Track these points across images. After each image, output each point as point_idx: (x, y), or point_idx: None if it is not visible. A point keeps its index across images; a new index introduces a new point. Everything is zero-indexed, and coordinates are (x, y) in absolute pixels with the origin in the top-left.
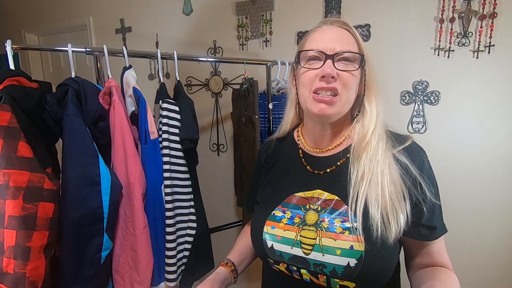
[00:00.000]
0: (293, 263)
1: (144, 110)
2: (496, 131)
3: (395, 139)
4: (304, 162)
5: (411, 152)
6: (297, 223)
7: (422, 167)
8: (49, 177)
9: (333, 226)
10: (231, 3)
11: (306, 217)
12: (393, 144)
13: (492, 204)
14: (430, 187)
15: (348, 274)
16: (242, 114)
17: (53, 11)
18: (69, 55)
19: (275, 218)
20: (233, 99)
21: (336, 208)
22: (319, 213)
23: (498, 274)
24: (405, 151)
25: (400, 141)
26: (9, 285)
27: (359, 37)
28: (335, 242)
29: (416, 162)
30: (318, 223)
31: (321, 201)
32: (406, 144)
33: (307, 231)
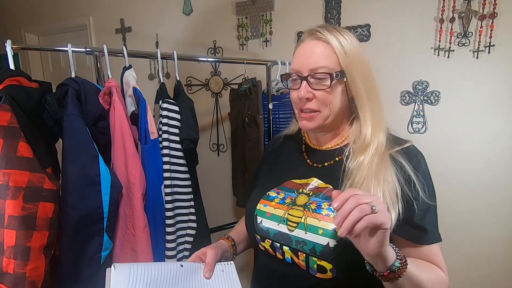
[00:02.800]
0: (277, 240)
1: (144, 110)
2: (496, 131)
3: (394, 141)
4: (305, 155)
5: (409, 153)
6: (287, 203)
7: (418, 167)
8: (49, 177)
9: (320, 208)
10: (231, 3)
11: (297, 198)
12: (391, 145)
13: (492, 204)
14: (424, 187)
15: (326, 254)
16: (241, 114)
17: (53, 11)
18: (69, 55)
19: (269, 198)
20: (231, 99)
21: (327, 194)
22: (310, 197)
23: (498, 274)
24: (403, 152)
25: (399, 143)
26: (9, 285)
27: (338, 45)
28: (319, 223)
29: (413, 162)
30: (307, 204)
31: (314, 187)
32: (404, 146)
33: (295, 210)
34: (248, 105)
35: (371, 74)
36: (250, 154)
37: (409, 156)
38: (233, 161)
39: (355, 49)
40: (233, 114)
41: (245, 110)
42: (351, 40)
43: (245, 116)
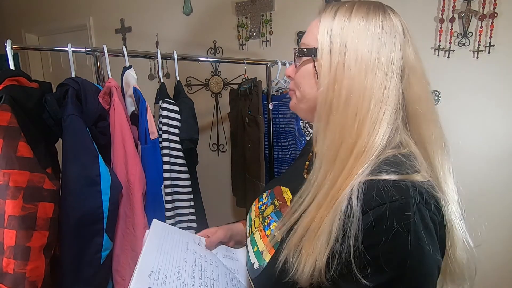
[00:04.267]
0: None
1: (144, 110)
2: (496, 131)
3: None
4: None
5: (371, 191)
6: (261, 210)
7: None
8: (49, 177)
9: (268, 227)
10: (231, 3)
11: (267, 208)
12: (373, 170)
13: (492, 204)
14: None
15: (250, 271)
16: (242, 114)
17: (53, 11)
18: (69, 55)
19: (260, 199)
20: (231, 99)
21: (283, 213)
22: (274, 210)
23: (498, 274)
24: (366, 186)
25: (381, 171)
26: (9, 285)
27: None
28: (259, 240)
29: (365, 211)
30: (266, 218)
31: (283, 202)
32: (379, 177)
33: (258, 220)
34: (248, 105)
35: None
36: (251, 154)
37: (367, 198)
38: (233, 161)
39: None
40: (233, 114)
41: (245, 110)
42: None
43: (245, 116)
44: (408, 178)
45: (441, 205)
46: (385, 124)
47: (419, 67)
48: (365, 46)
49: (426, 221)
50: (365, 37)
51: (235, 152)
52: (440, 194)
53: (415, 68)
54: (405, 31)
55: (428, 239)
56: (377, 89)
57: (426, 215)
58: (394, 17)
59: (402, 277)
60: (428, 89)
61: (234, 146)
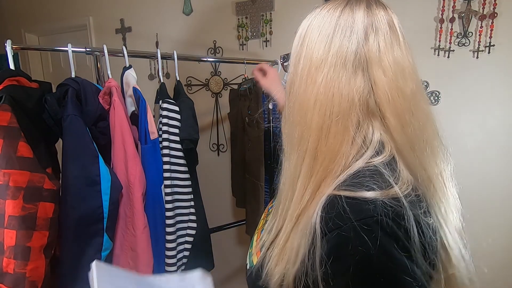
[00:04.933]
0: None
1: (144, 110)
2: (496, 131)
3: (351, 181)
4: None
5: (332, 208)
6: (268, 212)
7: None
8: (49, 177)
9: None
10: (231, 3)
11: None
12: (340, 183)
13: (492, 204)
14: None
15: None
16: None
17: (53, 11)
18: (69, 55)
19: (269, 208)
20: (231, 99)
21: None
22: None
23: (498, 274)
24: (328, 202)
25: (348, 186)
26: (9, 285)
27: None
28: (254, 243)
29: (325, 229)
30: (266, 221)
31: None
32: (341, 193)
33: (261, 222)
34: (248, 105)
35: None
36: (250, 154)
37: (326, 216)
38: (233, 161)
39: (309, 27)
40: (233, 114)
41: (245, 110)
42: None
43: (245, 116)
44: (365, 195)
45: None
46: (347, 131)
47: (389, 58)
48: (314, 48)
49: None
50: (316, 38)
51: (235, 152)
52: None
53: (381, 61)
54: (373, 18)
55: (397, 259)
56: (326, 87)
57: (393, 233)
58: (358, 8)
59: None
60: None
61: (234, 146)
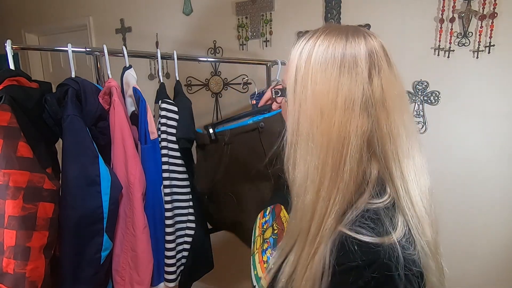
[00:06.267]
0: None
1: (144, 110)
2: (496, 131)
3: (362, 220)
4: None
5: (344, 249)
6: (263, 228)
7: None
8: (49, 177)
9: (265, 252)
10: (231, 3)
11: (267, 230)
12: (349, 222)
13: (492, 204)
14: None
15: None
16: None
17: (53, 11)
18: (69, 55)
19: (264, 214)
20: (199, 145)
21: (278, 241)
22: (272, 235)
23: (499, 275)
24: (339, 241)
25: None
26: (9, 285)
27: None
28: (257, 264)
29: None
30: (265, 241)
31: (281, 228)
32: (353, 234)
33: (259, 240)
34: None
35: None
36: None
37: (338, 256)
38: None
39: (311, 67)
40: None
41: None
42: (317, 54)
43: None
44: (375, 240)
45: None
46: (351, 168)
47: (393, 96)
48: (322, 86)
49: (394, 284)
50: (322, 76)
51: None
52: (414, 251)
53: (387, 100)
54: (373, 57)
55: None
56: (335, 131)
57: (393, 277)
58: (358, 44)
59: None
60: (407, 119)
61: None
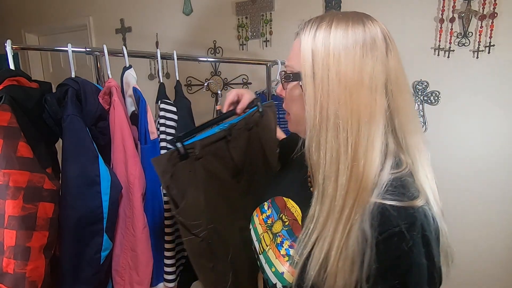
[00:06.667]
0: (254, 252)
1: (144, 110)
2: (496, 131)
3: (393, 190)
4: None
5: (387, 216)
6: (267, 224)
7: (384, 247)
8: (49, 177)
9: (282, 245)
10: (231, 3)
11: (274, 224)
12: (379, 192)
13: (492, 204)
14: (392, 276)
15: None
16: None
17: (53, 11)
18: (69, 55)
19: (262, 209)
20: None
21: (294, 231)
22: (283, 228)
23: (499, 274)
24: (380, 210)
25: (393, 195)
26: (9, 285)
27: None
28: (275, 260)
29: (382, 236)
30: (277, 235)
31: (292, 218)
32: (392, 202)
33: (267, 236)
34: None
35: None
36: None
37: (382, 223)
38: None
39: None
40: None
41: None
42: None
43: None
44: (410, 204)
45: (436, 222)
46: (378, 143)
47: (402, 76)
48: (347, 67)
49: (429, 244)
50: (346, 57)
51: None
52: (434, 212)
53: (398, 79)
54: (387, 38)
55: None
56: (364, 109)
57: (429, 238)
58: (374, 27)
59: None
60: (411, 99)
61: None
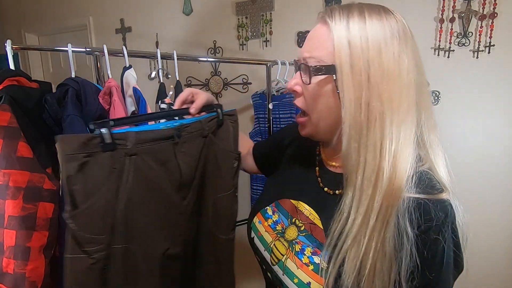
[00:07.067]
0: (263, 263)
1: (144, 110)
2: (496, 131)
3: (423, 185)
4: (318, 172)
5: (427, 212)
6: (277, 230)
7: (427, 239)
8: (49, 177)
9: (303, 253)
10: (231, 3)
11: (287, 229)
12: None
13: (492, 204)
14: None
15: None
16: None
17: (53, 11)
18: (69, 55)
19: (265, 215)
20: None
21: (315, 236)
22: (300, 233)
23: (499, 274)
24: (420, 205)
25: (426, 190)
26: (9, 285)
27: (342, 34)
28: (297, 270)
29: (423, 229)
30: (293, 242)
31: (308, 222)
32: (429, 196)
33: (281, 244)
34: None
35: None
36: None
37: (424, 217)
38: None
39: (372, 43)
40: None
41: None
42: (374, 30)
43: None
44: (441, 197)
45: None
46: (413, 138)
47: (423, 69)
48: (389, 60)
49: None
50: (386, 50)
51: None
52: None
53: (423, 74)
54: (410, 32)
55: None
56: (404, 103)
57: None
58: (401, 18)
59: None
60: (430, 94)
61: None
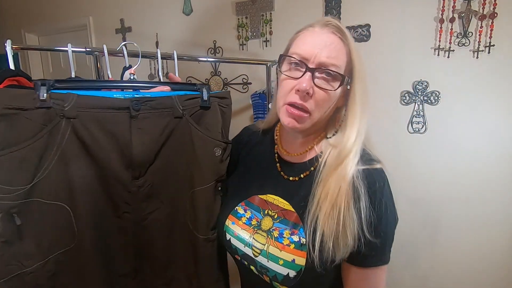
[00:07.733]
0: (244, 259)
1: None
2: (496, 131)
3: (364, 158)
4: (279, 166)
5: (371, 177)
6: (253, 225)
7: (375, 196)
8: None
9: (282, 237)
10: (231, 3)
11: (262, 221)
12: (360, 162)
13: (492, 204)
14: (376, 221)
15: (287, 282)
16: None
17: (53, 11)
18: (69, 55)
19: (237, 215)
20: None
21: (289, 219)
22: (274, 221)
23: (499, 274)
24: (366, 174)
25: (368, 162)
26: None
27: (354, 47)
28: (280, 253)
29: (371, 191)
30: (270, 231)
31: (280, 209)
32: (371, 167)
33: (260, 236)
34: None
35: (367, 81)
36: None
37: (369, 182)
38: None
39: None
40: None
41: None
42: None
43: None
44: (380, 166)
45: None
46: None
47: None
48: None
49: (391, 193)
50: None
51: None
52: None
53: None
54: None
55: (393, 202)
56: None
57: (390, 189)
58: None
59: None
60: None
61: None
